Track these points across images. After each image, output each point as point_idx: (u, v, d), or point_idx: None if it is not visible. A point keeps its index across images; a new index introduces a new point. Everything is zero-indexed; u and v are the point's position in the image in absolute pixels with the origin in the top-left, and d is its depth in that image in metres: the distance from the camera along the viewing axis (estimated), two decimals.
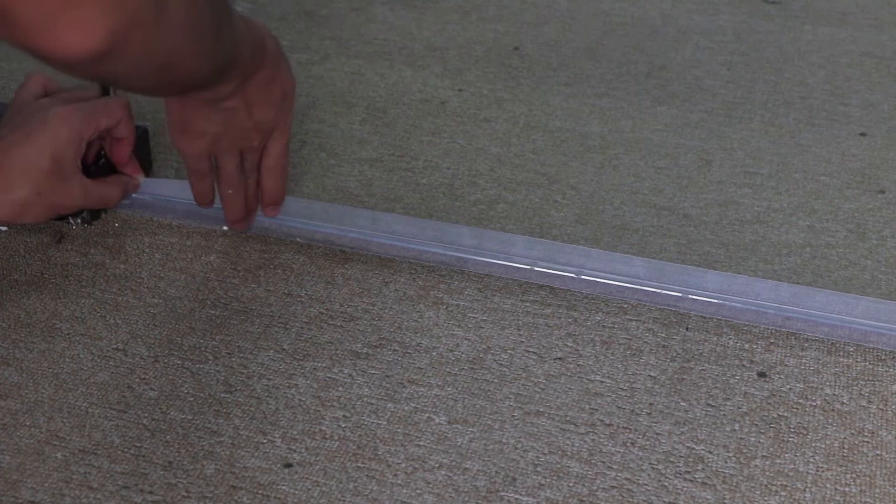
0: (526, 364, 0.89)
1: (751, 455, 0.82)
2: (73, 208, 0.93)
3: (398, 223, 1.00)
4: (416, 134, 1.17)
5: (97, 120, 0.92)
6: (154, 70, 0.72)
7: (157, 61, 0.71)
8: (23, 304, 0.94)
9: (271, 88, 0.89)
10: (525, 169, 1.12)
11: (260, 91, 0.88)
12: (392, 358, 0.89)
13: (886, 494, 0.79)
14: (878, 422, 0.85)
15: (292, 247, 1.00)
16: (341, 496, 0.78)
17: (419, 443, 0.82)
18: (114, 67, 0.67)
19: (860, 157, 1.15)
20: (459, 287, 0.96)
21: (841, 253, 1.01)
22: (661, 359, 0.89)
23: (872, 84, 1.28)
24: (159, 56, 0.70)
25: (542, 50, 1.34)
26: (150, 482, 0.79)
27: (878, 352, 0.90)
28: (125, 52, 0.66)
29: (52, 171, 0.88)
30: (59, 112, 0.90)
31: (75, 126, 0.90)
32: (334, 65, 1.30)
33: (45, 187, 0.88)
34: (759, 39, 1.37)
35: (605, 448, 0.82)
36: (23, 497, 0.78)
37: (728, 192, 1.09)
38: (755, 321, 0.93)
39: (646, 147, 1.16)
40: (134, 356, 0.89)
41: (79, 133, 0.90)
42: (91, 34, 0.63)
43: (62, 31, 0.62)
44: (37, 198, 0.88)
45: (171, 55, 0.72)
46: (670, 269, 0.96)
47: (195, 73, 0.79)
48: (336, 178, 1.10)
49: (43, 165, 0.88)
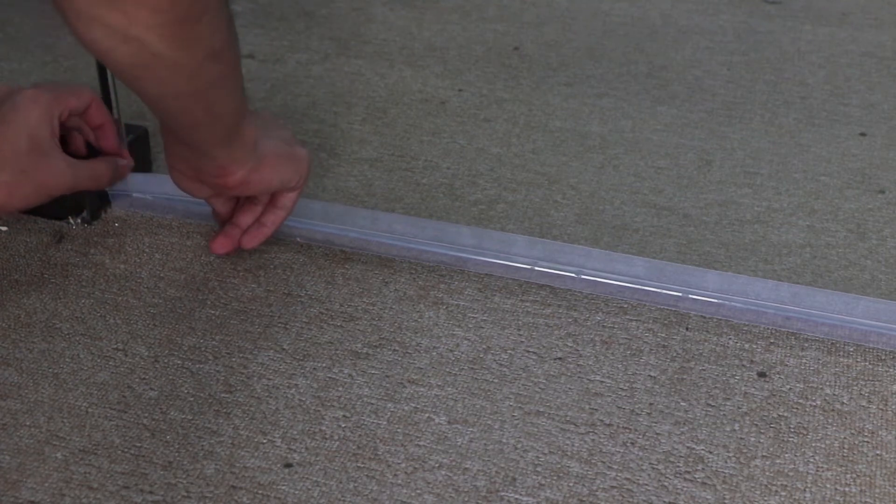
0: (526, 364, 0.89)
1: (751, 455, 0.82)
2: (65, 187, 0.92)
3: (398, 223, 1.00)
4: (416, 134, 1.17)
5: (65, 99, 0.92)
6: (205, 58, 0.77)
7: (219, 37, 0.77)
8: (23, 304, 0.94)
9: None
10: (525, 169, 1.12)
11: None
12: (392, 358, 0.89)
13: (886, 494, 0.79)
14: (878, 422, 0.85)
15: (292, 247, 1.00)
16: (341, 496, 0.78)
17: (419, 443, 0.82)
18: (186, 36, 0.74)
19: (860, 157, 1.15)
20: (459, 287, 0.96)
21: (841, 253, 1.01)
22: (661, 359, 0.90)
23: (872, 84, 1.28)
24: (219, 30, 0.76)
25: (542, 50, 1.34)
26: (150, 482, 0.79)
27: (878, 352, 0.90)
28: (204, 3, 0.73)
29: (30, 149, 0.88)
30: (26, 94, 0.90)
31: (44, 104, 0.90)
32: (334, 65, 1.30)
33: (28, 166, 0.88)
34: (759, 39, 1.37)
35: (605, 448, 0.82)
36: (23, 497, 0.78)
37: (728, 192, 1.09)
38: (755, 321, 0.93)
39: (646, 147, 1.16)
40: (134, 356, 0.89)
41: (48, 111, 0.90)
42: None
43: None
44: (23, 177, 0.87)
45: (220, 46, 0.78)
46: (670, 269, 0.96)
47: (229, 93, 0.83)
48: (336, 178, 1.10)
49: (21, 146, 0.88)
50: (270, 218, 0.96)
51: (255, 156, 0.89)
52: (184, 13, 0.73)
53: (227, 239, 0.96)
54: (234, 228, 0.96)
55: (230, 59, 0.81)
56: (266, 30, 1.37)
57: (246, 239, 0.96)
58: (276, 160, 0.91)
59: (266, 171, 0.90)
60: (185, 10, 0.73)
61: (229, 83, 0.82)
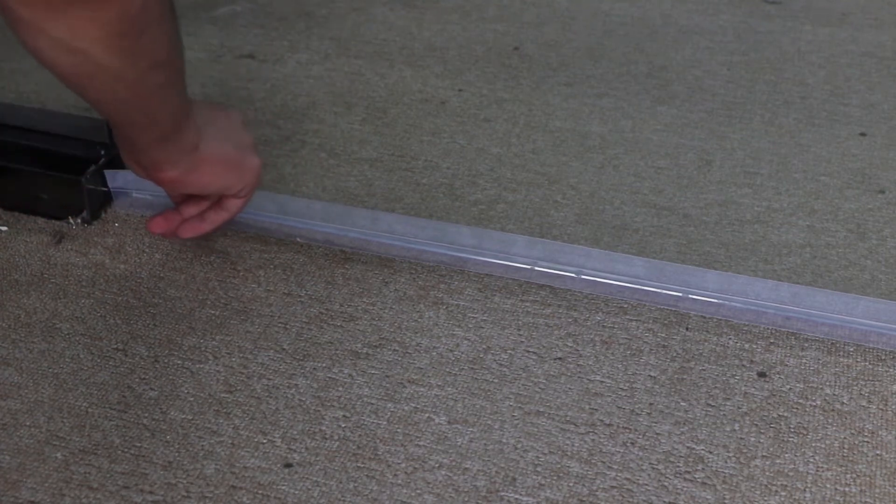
0: (526, 364, 0.89)
1: (751, 455, 0.82)
2: None
3: (398, 223, 1.00)
4: (416, 134, 1.17)
5: None
6: (148, 68, 0.78)
7: (161, 48, 0.78)
8: (23, 304, 0.94)
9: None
10: (525, 169, 1.12)
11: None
12: (392, 358, 0.89)
13: (886, 494, 0.79)
14: (878, 422, 0.85)
15: (292, 247, 1.00)
16: (341, 496, 0.78)
17: (419, 443, 0.82)
18: (130, 48, 0.75)
19: (860, 157, 1.15)
20: (459, 287, 0.96)
21: (841, 253, 1.01)
22: (661, 359, 0.89)
23: (872, 84, 1.28)
24: (148, 9, 0.75)
25: (542, 50, 1.34)
26: (150, 482, 0.79)
27: (878, 352, 0.90)
28: (148, 17, 0.73)
29: None
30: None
31: None
32: (334, 65, 1.30)
33: None
34: (759, 39, 1.37)
35: (605, 448, 0.82)
36: (23, 497, 0.78)
37: (728, 192, 1.09)
38: (755, 321, 0.93)
39: (646, 147, 1.16)
40: (134, 356, 0.89)
41: None
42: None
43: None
44: None
45: (163, 57, 0.79)
46: (670, 269, 0.96)
47: (169, 99, 0.84)
48: (336, 178, 1.10)
49: None
50: (212, 216, 0.96)
51: (193, 158, 0.90)
52: (129, 26, 0.74)
53: (164, 221, 0.97)
54: (176, 214, 0.97)
55: (173, 68, 0.82)
56: (266, 30, 1.37)
57: (183, 229, 0.97)
58: (218, 165, 0.92)
59: (204, 174, 0.91)
60: (130, 23, 0.74)
61: (170, 90, 0.84)
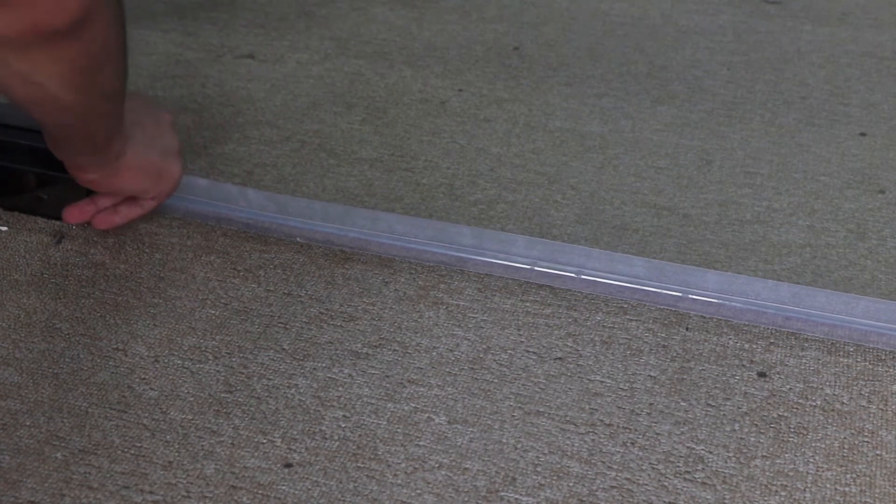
0: (526, 364, 0.89)
1: (751, 455, 0.82)
2: None
3: (398, 223, 1.00)
4: (416, 134, 1.17)
5: None
6: (98, 98, 0.80)
7: (115, 81, 0.80)
8: (23, 304, 0.94)
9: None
10: (525, 169, 1.12)
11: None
12: (392, 358, 0.89)
13: (886, 494, 0.79)
14: (878, 422, 0.85)
15: (292, 247, 1.00)
16: (341, 496, 0.78)
17: (419, 443, 0.82)
18: (86, 83, 0.76)
19: (860, 157, 1.15)
20: (459, 287, 0.96)
21: (841, 253, 1.01)
22: (661, 359, 0.89)
23: (872, 84, 1.28)
24: (108, 48, 0.77)
25: (542, 50, 1.34)
26: (150, 482, 0.79)
27: (878, 352, 0.90)
28: (93, 26, 0.72)
29: None
30: None
31: None
32: (334, 65, 1.30)
33: None
34: (759, 39, 1.37)
35: (605, 448, 0.82)
36: (23, 497, 0.78)
37: (728, 192, 1.09)
38: (755, 321, 0.93)
39: (646, 147, 1.16)
40: (134, 356, 0.89)
41: None
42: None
43: None
44: None
45: (115, 89, 0.82)
46: (670, 269, 0.96)
47: (109, 123, 0.87)
48: (336, 178, 1.10)
49: None
50: (124, 210, 0.99)
51: (115, 165, 0.92)
52: (88, 63, 0.76)
53: (79, 211, 0.99)
54: (91, 205, 0.99)
55: (120, 97, 0.85)
56: (266, 30, 1.37)
57: (97, 219, 0.99)
58: (138, 172, 0.94)
59: (122, 180, 0.94)
60: (90, 61, 0.76)
61: (112, 116, 0.86)
